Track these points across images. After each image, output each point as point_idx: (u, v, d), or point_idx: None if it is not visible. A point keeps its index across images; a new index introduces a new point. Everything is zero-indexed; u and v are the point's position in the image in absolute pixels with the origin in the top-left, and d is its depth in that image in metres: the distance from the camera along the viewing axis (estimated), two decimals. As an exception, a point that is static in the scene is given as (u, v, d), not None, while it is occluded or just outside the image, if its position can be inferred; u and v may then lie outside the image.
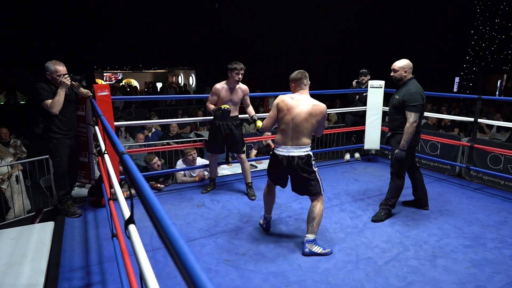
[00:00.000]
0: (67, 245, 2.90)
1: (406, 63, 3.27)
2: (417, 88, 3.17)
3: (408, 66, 3.27)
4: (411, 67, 3.28)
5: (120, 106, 12.75)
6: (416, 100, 3.12)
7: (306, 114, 2.66)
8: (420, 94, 3.14)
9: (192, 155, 4.42)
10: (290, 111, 2.68)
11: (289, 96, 2.75)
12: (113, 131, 2.98)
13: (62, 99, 3.21)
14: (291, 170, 2.75)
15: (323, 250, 2.75)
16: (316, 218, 2.75)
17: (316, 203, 2.79)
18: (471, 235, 3.07)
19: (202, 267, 0.58)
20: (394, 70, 3.30)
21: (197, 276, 0.53)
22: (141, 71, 23.42)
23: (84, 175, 3.82)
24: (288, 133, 2.70)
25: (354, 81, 5.48)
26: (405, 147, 3.17)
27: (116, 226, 2.02)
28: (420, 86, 3.21)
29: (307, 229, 2.78)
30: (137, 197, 1.01)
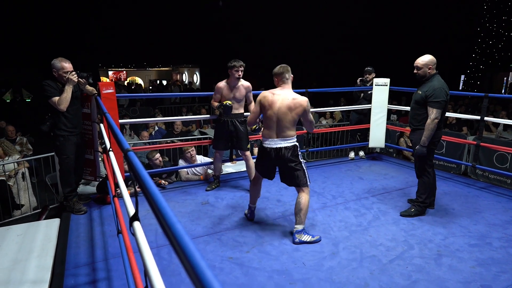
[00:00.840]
0: (72, 242, 2.92)
1: (429, 59, 3.19)
2: (441, 84, 3.10)
3: (432, 62, 3.19)
4: (435, 63, 3.19)
5: (125, 104, 12.81)
6: (440, 96, 3.05)
7: (286, 108, 2.74)
8: (444, 90, 3.07)
9: (190, 152, 4.42)
10: (272, 106, 2.78)
11: (271, 92, 2.85)
12: (118, 128, 3.00)
13: (70, 96, 3.23)
14: (279, 161, 2.86)
15: (312, 238, 2.87)
16: (303, 209, 2.84)
17: (302, 194, 2.87)
18: (477, 234, 3.04)
19: (207, 264, 0.58)
20: (417, 68, 3.23)
21: (203, 273, 0.53)
22: (146, 69, 23.49)
23: (90, 172, 3.85)
24: (273, 126, 2.81)
25: (359, 79, 5.45)
26: (426, 143, 3.14)
27: (121, 223, 2.03)
28: (444, 82, 3.14)
29: (295, 220, 2.90)
30: (142, 194, 1.01)
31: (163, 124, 7.61)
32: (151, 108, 11.56)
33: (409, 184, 4.29)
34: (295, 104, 2.74)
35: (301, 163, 2.86)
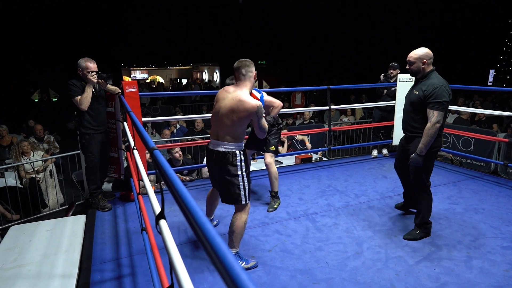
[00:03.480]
0: (98, 238, 2.99)
1: (424, 52, 2.73)
2: (441, 82, 2.65)
3: (427, 56, 2.72)
4: (431, 57, 2.73)
5: (146, 102, 13.05)
6: (441, 96, 2.60)
7: (227, 109, 2.33)
8: (446, 89, 2.63)
9: None
10: (218, 103, 2.43)
11: (226, 88, 2.47)
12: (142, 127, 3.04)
13: (90, 95, 3.31)
14: (214, 166, 2.46)
15: (245, 265, 2.50)
16: (235, 231, 2.43)
17: (236, 214, 2.46)
18: (510, 235, 2.91)
19: (240, 266, 0.56)
20: (409, 62, 2.79)
21: (238, 275, 0.51)
22: (166, 68, 23.86)
23: (114, 169, 3.93)
24: (215, 125, 2.44)
25: (382, 74, 5.31)
26: (423, 151, 2.68)
27: (145, 221, 2.05)
28: (444, 80, 2.71)
29: (228, 242, 2.53)
30: (169, 192, 1.01)
31: (184, 122, 7.71)
32: (172, 106, 11.73)
33: (435, 184, 4.15)
34: (239, 107, 2.28)
35: (238, 176, 2.38)
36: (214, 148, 2.42)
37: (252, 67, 2.43)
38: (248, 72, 2.40)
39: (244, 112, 2.29)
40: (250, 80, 2.42)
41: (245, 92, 2.36)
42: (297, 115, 8.79)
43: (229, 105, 2.33)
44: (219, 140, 2.40)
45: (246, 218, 2.48)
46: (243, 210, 2.47)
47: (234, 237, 2.46)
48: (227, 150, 2.38)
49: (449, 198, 3.71)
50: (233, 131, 2.37)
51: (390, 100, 5.19)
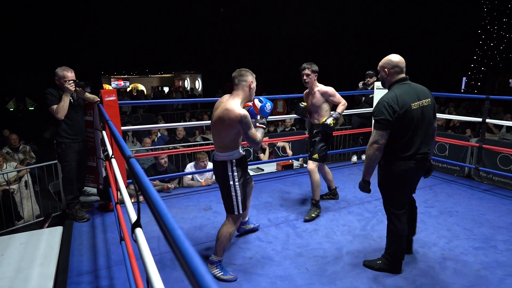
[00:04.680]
0: (75, 250, 2.93)
1: (387, 60, 2.35)
2: (389, 96, 2.24)
3: (389, 64, 2.33)
4: (395, 65, 2.32)
5: (128, 111, 12.88)
6: (378, 113, 2.24)
7: (216, 118, 2.36)
8: (388, 105, 2.20)
9: (204, 161, 4.43)
10: (213, 113, 2.46)
11: (222, 97, 2.51)
12: (120, 135, 3.01)
13: (66, 104, 3.26)
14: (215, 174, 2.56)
15: (222, 275, 2.47)
16: (220, 239, 2.44)
17: (225, 223, 2.48)
18: (481, 236, 3.02)
19: (208, 270, 0.58)
20: (378, 71, 2.47)
21: (203, 278, 0.53)
22: (148, 76, 23.64)
23: (93, 179, 3.86)
24: (212, 135, 2.49)
25: (361, 82, 5.46)
26: (365, 176, 2.41)
27: (123, 230, 2.03)
28: (404, 92, 2.25)
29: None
30: (144, 201, 1.02)
31: (165, 130, 7.64)
32: (154, 114, 11.62)
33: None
34: (224, 116, 2.28)
35: (231, 186, 2.40)
36: (214, 158, 2.50)
37: (246, 76, 2.42)
38: (241, 81, 2.40)
39: (228, 120, 2.28)
40: (244, 89, 2.41)
41: (235, 101, 2.35)
42: (279, 122, 8.87)
43: (217, 114, 2.36)
44: (217, 151, 2.46)
45: (234, 230, 2.50)
46: (232, 221, 2.48)
47: (217, 245, 2.49)
48: (218, 160, 2.43)
49: (425, 202, 3.83)
50: (220, 140, 2.38)
51: (368, 107, 5.33)
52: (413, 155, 2.29)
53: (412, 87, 2.32)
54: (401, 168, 2.32)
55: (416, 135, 2.28)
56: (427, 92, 2.37)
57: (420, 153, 2.32)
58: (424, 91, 2.35)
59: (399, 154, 2.30)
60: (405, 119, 2.22)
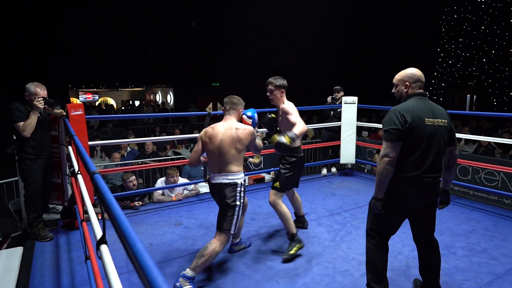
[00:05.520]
0: (36, 271, 2.78)
1: (406, 73, 2.18)
2: (403, 106, 2.07)
3: (411, 78, 2.15)
4: (418, 80, 2.15)
5: (95, 125, 12.53)
6: (388, 122, 2.04)
7: (230, 140, 2.50)
8: (400, 114, 2.01)
9: (174, 177, 4.38)
10: (212, 141, 2.54)
11: (210, 127, 2.62)
12: (87, 151, 2.94)
13: (34, 122, 3.15)
14: (217, 197, 2.62)
15: None
16: (205, 257, 2.42)
17: (215, 241, 2.48)
18: (442, 244, 3.15)
19: (167, 284, 0.60)
20: (394, 85, 2.27)
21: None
22: (118, 90, 23.16)
23: (57, 196, 3.71)
24: (215, 161, 2.56)
25: (329, 97, 5.65)
26: (378, 194, 2.15)
27: (89, 248, 1.98)
28: (419, 105, 2.06)
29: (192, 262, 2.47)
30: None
31: (136, 145, 7.50)
32: (124, 129, 11.37)
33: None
34: (240, 135, 2.50)
35: (236, 207, 2.50)
36: (218, 181, 2.55)
37: (237, 105, 2.69)
38: (232, 109, 2.68)
39: (245, 138, 2.53)
40: (235, 115, 2.69)
41: (237, 122, 2.64)
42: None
43: (231, 135, 2.52)
44: (226, 173, 2.53)
45: (222, 249, 2.51)
46: (224, 240, 2.51)
47: (200, 262, 2.42)
48: (235, 181, 2.53)
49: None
50: (234, 160, 2.53)
51: (336, 121, 5.51)
52: (420, 177, 2.02)
53: (429, 103, 2.12)
54: (402, 190, 2.06)
55: (427, 154, 2.02)
56: (445, 113, 2.15)
57: (428, 176, 2.04)
58: (441, 111, 2.14)
59: (403, 173, 2.04)
60: (416, 133, 1.99)
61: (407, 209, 2.17)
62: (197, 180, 4.82)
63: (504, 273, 2.68)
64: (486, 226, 3.58)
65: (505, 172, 4.96)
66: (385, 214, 2.15)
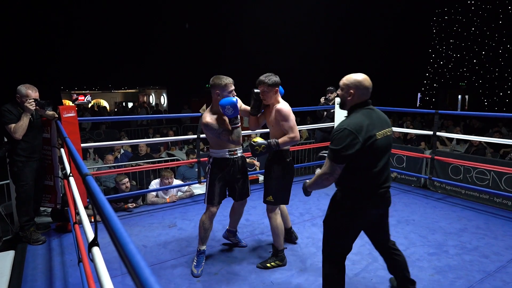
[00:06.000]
0: (28, 275, 2.75)
1: (353, 80, 2.01)
2: (353, 123, 1.90)
3: (357, 87, 1.98)
4: (365, 89, 1.99)
5: (87, 127, 12.44)
6: (338, 141, 1.88)
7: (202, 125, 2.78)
8: (352, 136, 1.86)
9: (169, 179, 4.37)
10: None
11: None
12: (79, 153, 2.92)
13: (26, 124, 3.12)
14: None
15: (194, 267, 2.77)
16: (198, 229, 2.84)
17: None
18: (435, 243, 3.20)
19: (160, 285, 0.60)
20: (340, 88, 2.11)
21: None
22: (111, 91, 23.01)
23: (49, 199, 3.68)
24: None
25: (322, 98, 5.67)
26: (311, 188, 2.15)
27: (81, 251, 1.96)
28: (369, 119, 1.94)
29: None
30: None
31: (129, 147, 7.46)
32: (117, 131, 11.30)
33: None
34: (200, 122, 2.82)
35: (206, 179, 2.85)
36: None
37: (213, 87, 2.67)
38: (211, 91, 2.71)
39: (201, 125, 2.82)
40: (214, 98, 2.69)
41: (207, 109, 2.76)
42: (245, 137, 8.95)
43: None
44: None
45: (205, 218, 2.80)
46: (206, 210, 2.83)
47: (198, 234, 2.84)
48: (208, 155, 2.87)
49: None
50: (208, 139, 2.82)
51: (330, 121, 5.54)
52: (377, 189, 1.99)
53: (377, 114, 2.02)
54: (362, 205, 2.00)
55: (382, 166, 1.99)
56: (389, 121, 2.10)
57: (384, 187, 2.02)
58: (387, 120, 2.08)
59: (362, 189, 1.98)
60: (370, 150, 1.90)
61: (366, 222, 2.12)
62: (191, 182, 4.81)
63: (495, 270, 2.72)
64: (478, 224, 3.63)
65: (496, 171, 5.02)
66: (346, 229, 2.09)
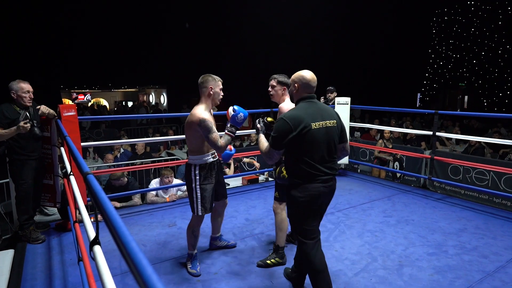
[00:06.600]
0: (28, 274, 2.75)
1: (299, 76, 2.23)
2: (290, 114, 2.12)
3: (301, 81, 2.21)
4: (307, 83, 2.20)
5: (86, 126, 12.44)
6: (275, 129, 2.13)
7: (185, 123, 2.61)
8: (286, 124, 2.07)
9: (168, 178, 4.37)
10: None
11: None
12: (79, 152, 2.92)
13: (8, 135, 3.07)
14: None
15: (190, 268, 2.73)
16: (187, 235, 2.76)
17: (190, 222, 2.74)
18: (434, 243, 3.21)
19: (163, 285, 0.60)
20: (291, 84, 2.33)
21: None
22: (111, 90, 23.01)
23: (49, 198, 3.68)
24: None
25: (322, 98, 5.68)
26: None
27: (82, 250, 1.96)
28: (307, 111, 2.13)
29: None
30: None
31: (129, 146, 7.46)
32: (116, 130, 11.30)
33: (372, 199, 4.46)
34: (189, 120, 2.53)
35: (193, 189, 2.61)
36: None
37: (206, 82, 2.59)
38: (202, 88, 2.61)
39: (192, 124, 2.51)
40: (205, 96, 2.61)
41: (199, 107, 2.59)
42: (244, 137, 8.95)
43: (187, 120, 2.58)
44: (188, 153, 2.69)
45: (195, 228, 2.73)
46: (193, 220, 2.71)
47: (187, 240, 2.78)
48: (189, 163, 2.64)
49: (384, 212, 4.01)
50: (189, 144, 2.62)
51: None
52: (319, 175, 2.13)
53: (317, 106, 2.20)
54: (308, 192, 2.13)
55: (321, 154, 2.12)
56: (333, 114, 2.25)
57: (326, 173, 2.15)
58: (330, 112, 2.23)
59: (305, 177, 2.13)
60: (306, 138, 2.07)
61: (314, 205, 2.21)
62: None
63: (494, 270, 2.73)
64: (477, 224, 3.64)
65: (495, 172, 5.03)
66: (301, 214, 2.21)
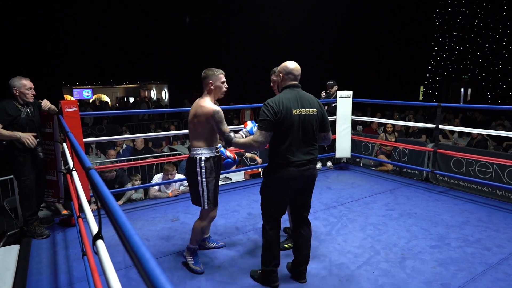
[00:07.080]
0: (33, 269, 2.78)
1: (282, 66, 2.44)
2: (272, 99, 2.31)
3: (284, 70, 2.41)
4: (290, 72, 2.39)
5: (89, 122, 12.47)
6: (261, 113, 2.30)
7: (191, 115, 2.61)
8: (270, 107, 2.26)
9: (171, 174, 4.39)
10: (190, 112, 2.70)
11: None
12: (82, 147, 2.94)
13: (8, 138, 3.08)
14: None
15: (192, 264, 2.66)
16: (193, 230, 2.66)
17: (199, 218, 2.68)
18: (437, 235, 3.21)
19: (166, 278, 0.60)
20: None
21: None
22: (112, 86, 23.02)
23: (52, 194, 3.70)
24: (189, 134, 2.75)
25: (323, 92, 5.65)
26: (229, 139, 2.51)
27: (85, 244, 1.98)
28: (288, 97, 2.31)
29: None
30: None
31: (131, 141, 7.48)
32: (118, 126, 11.31)
33: (374, 192, 4.46)
34: (198, 112, 2.53)
35: (199, 182, 2.55)
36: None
37: (208, 76, 2.62)
38: (204, 82, 2.64)
39: (203, 116, 2.52)
40: (208, 89, 2.63)
41: (206, 99, 2.60)
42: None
43: (192, 112, 2.60)
44: (191, 147, 2.63)
45: (205, 224, 2.66)
46: (203, 216, 2.65)
47: (192, 234, 2.69)
48: (193, 155, 2.58)
49: (387, 205, 4.01)
50: (196, 136, 2.59)
51: (331, 115, 5.52)
52: (294, 160, 2.27)
53: (298, 94, 2.35)
54: (280, 175, 2.29)
55: (297, 140, 2.27)
56: (315, 102, 2.37)
57: (300, 160, 2.29)
58: (311, 100, 2.36)
59: (279, 160, 2.29)
60: (284, 123, 2.24)
61: (288, 190, 2.38)
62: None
63: (497, 262, 2.73)
64: (480, 217, 3.63)
65: (499, 164, 5.02)
66: (273, 196, 2.42)
